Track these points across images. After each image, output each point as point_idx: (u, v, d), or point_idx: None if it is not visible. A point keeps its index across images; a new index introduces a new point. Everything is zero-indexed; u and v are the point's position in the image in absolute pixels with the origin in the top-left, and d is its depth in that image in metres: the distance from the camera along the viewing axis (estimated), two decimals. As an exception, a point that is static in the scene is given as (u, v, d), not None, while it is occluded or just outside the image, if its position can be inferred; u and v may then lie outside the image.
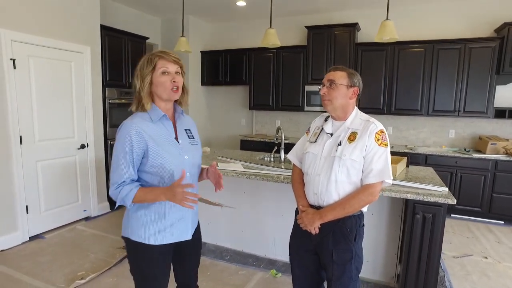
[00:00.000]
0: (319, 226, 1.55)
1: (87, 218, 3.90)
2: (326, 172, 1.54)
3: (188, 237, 1.51)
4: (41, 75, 3.31)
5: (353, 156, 1.50)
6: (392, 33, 2.58)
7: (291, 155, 1.82)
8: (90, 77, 3.81)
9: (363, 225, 1.61)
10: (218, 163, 2.95)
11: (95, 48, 3.87)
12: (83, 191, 3.82)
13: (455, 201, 2.03)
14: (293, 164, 1.81)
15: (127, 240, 1.44)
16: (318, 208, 1.58)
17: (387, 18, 2.58)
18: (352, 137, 1.54)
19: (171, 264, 1.57)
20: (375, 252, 2.61)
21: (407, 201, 2.23)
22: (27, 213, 3.29)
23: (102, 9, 4.37)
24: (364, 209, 1.58)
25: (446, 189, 2.21)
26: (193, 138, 1.54)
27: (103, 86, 4.12)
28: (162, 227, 1.41)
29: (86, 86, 3.78)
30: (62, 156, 3.58)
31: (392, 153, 4.27)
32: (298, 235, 1.67)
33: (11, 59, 3.06)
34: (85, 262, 2.87)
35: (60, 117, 3.53)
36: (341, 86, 1.54)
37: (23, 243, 3.23)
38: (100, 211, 4.06)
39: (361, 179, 1.53)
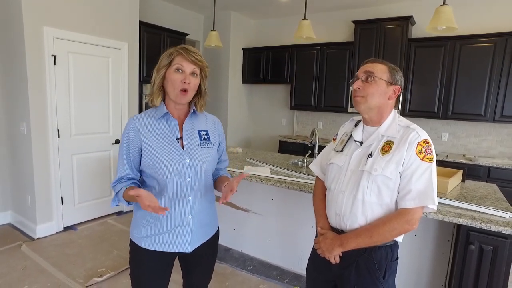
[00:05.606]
0: (340, 255, 1.28)
1: (119, 213, 3.94)
2: (351, 190, 1.26)
3: (186, 249, 1.35)
4: (79, 71, 3.38)
5: (387, 172, 1.19)
6: (449, 21, 2.14)
7: (313, 166, 1.54)
8: (127, 73, 3.83)
9: (397, 258, 1.29)
10: (245, 166, 2.77)
11: (133, 44, 3.88)
12: (116, 185, 3.86)
13: (527, 233, 1.59)
14: (316, 177, 1.54)
15: (130, 239, 1.41)
16: (340, 232, 1.30)
17: (443, 3, 2.14)
18: (387, 147, 1.23)
19: (180, 274, 1.49)
20: (417, 280, 2.23)
21: (459, 226, 1.84)
22: (62, 204, 3.39)
23: (143, 5, 4.41)
24: (399, 239, 1.27)
25: (515, 215, 1.77)
26: (208, 141, 1.38)
27: (140, 82, 4.14)
28: (155, 232, 1.32)
29: (122, 82, 3.80)
30: (96, 150, 3.64)
31: (447, 163, 3.83)
32: (317, 262, 1.40)
33: (52, 55, 3.14)
34: (107, 259, 2.86)
35: (96, 112, 3.58)
36: (381, 81, 1.24)
37: (57, 233, 3.34)
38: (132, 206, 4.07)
39: (396, 201, 1.23)
